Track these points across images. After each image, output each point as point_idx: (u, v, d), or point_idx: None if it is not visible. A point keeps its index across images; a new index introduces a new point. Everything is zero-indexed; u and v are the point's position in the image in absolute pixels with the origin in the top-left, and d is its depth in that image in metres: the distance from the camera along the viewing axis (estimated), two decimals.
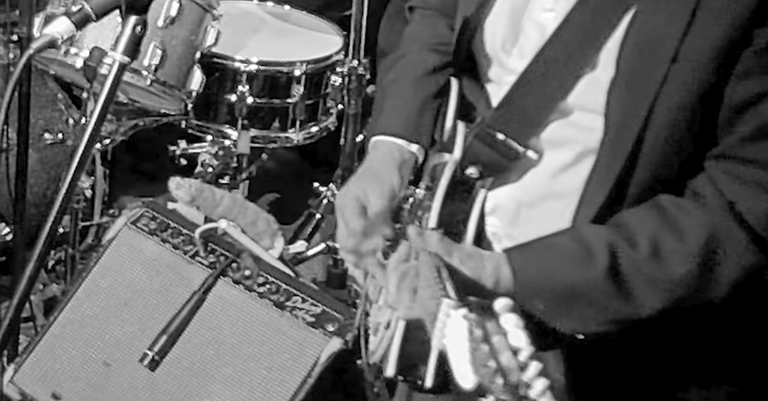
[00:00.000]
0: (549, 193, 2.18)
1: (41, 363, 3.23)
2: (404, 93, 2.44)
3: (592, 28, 2.06)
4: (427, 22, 2.50)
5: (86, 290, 3.29)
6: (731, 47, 1.94)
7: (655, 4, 2.00)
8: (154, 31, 3.82)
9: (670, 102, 1.99)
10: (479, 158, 2.22)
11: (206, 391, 3.04)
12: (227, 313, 3.12)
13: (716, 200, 1.99)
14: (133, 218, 3.34)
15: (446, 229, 2.19)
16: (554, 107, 2.12)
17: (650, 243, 2.00)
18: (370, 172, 2.35)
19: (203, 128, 4.16)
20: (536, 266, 2.05)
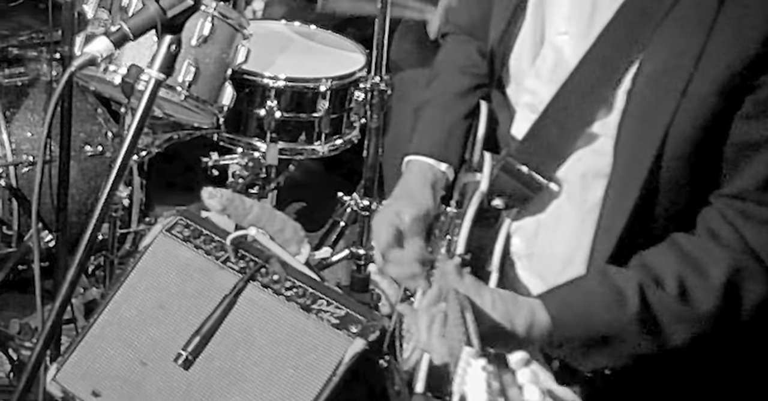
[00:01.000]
0: (566, 216, 2.18)
1: (82, 363, 3.24)
2: (435, 115, 2.46)
3: (612, 63, 2.06)
4: (459, 47, 2.51)
5: (124, 294, 3.29)
6: (735, 88, 1.95)
7: (667, 43, 2.01)
8: (188, 50, 3.83)
9: (681, 134, 2.00)
10: (505, 190, 2.23)
11: (237, 389, 3.05)
12: (256, 315, 3.12)
13: (733, 239, 2.00)
14: (168, 225, 3.35)
15: (474, 253, 2.20)
16: (577, 137, 2.12)
17: (677, 283, 2.01)
18: (407, 195, 2.38)
19: (234, 141, 4.17)
20: (572, 311, 2.04)
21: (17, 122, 4.31)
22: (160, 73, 2.10)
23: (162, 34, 2.09)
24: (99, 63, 2.09)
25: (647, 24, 2.03)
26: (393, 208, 2.37)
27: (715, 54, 1.97)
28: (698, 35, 1.98)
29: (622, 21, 2.07)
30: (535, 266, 2.26)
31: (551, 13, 2.19)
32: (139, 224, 4.39)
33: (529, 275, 2.28)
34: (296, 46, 4.39)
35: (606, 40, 2.08)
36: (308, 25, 4.51)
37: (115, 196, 3.83)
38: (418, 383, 2.22)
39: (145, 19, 2.09)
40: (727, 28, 1.97)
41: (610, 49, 2.08)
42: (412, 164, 2.45)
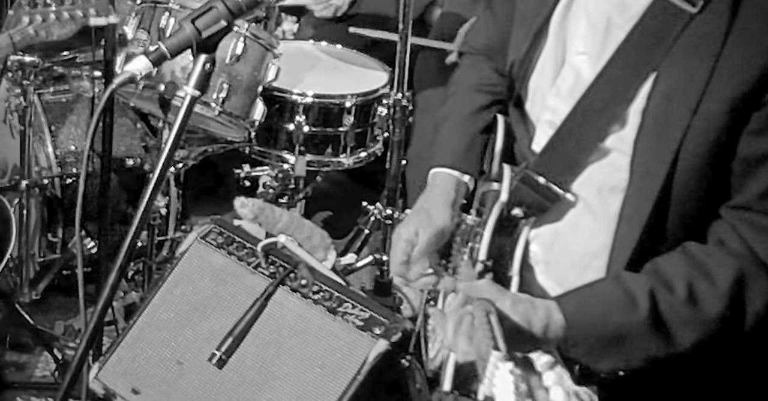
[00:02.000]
0: (581, 225, 2.17)
1: (122, 362, 3.24)
2: (455, 130, 2.47)
3: (624, 82, 2.07)
4: (475, 66, 2.51)
5: (161, 298, 3.30)
6: (743, 106, 1.96)
7: (679, 63, 2.01)
8: (222, 68, 3.83)
9: (692, 150, 2.01)
10: (524, 200, 2.23)
11: (267, 387, 3.05)
12: (286, 318, 3.12)
13: (741, 248, 2.00)
14: (203, 233, 3.35)
15: (495, 260, 2.20)
16: (592, 151, 2.12)
17: (685, 288, 2.00)
18: (426, 213, 2.39)
19: (265, 154, 4.17)
20: (586, 312, 2.04)
21: (62, 136, 4.32)
22: (195, 90, 2.10)
23: (197, 54, 2.10)
24: (138, 81, 2.09)
25: (659, 45, 2.04)
26: (412, 226, 2.39)
27: (725, 74, 1.97)
28: (708, 56, 1.98)
29: (635, 42, 2.07)
30: (553, 272, 2.26)
31: (571, 35, 2.19)
32: (176, 232, 4.40)
33: (547, 280, 2.28)
34: (323, 65, 4.39)
35: (619, 61, 2.09)
36: (335, 45, 4.52)
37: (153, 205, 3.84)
38: (445, 382, 2.21)
39: (182, 40, 2.09)
40: (736, 50, 1.97)
41: (623, 69, 2.08)
42: (436, 175, 2.46)
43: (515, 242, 2.23)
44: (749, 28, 1.97)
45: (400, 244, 2.37)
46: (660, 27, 2.04)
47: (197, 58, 2.10)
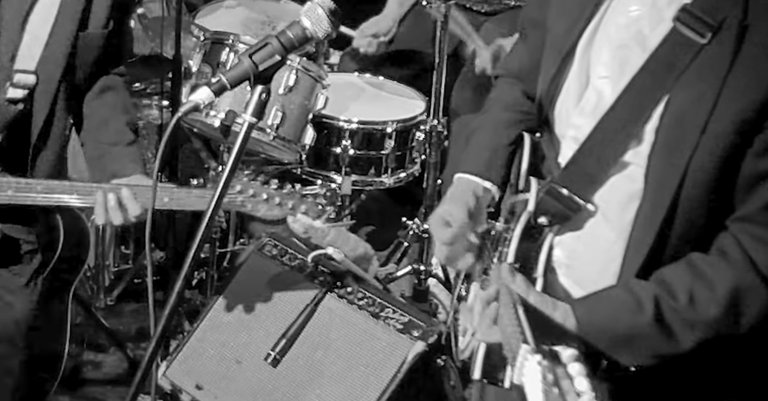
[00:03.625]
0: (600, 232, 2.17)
1: (187, 361, 3.25)
2: (482, 141, 2.46)
3: (641, 103, 2.06)
4: (507, 88, 2.50)
5: (222, 303, 3.30)
6: (747, 128, 1.95)
7: (688, 88, 2.00)
8: (276, 98, 3.84)
9: (700, 165, 1.99)
10: (549, 210, 2.21)
11: (316, 383, 3.04)
12: (333, 321, 3.12)
13: (740, 258, 1.98)
14: (259, 245, 3.36)
15: (522, 262, 2.18)
16: (612, 165, 2.11)
17: (687, 294, 1.99)
18: (451, 198, 2.38)
19: (314, 174, 4.17)
20: (596, 315, 2.04)
21: None
22: (252, 117, 2.10)
23: (254, 85, 2.10)
24: (202, 109, 2.10)
25: (672, 72, 2.03)
26: (443, 209, 2.37)
27: (731, 98, 1.96)
28: (715, 82, 1.97)
29: (650, 69, 2.07)
30: (573, 275, 2.25)
31: (594, 61, 2.19)
32: (235, 245, 4.40)
33: (568, 281, 2.26)
34: (367, 94, 4.39)
35: (636, 85, 2.08)
36: (377, 77, 4.52)
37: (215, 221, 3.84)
38: (475, 370, 2.20)
39: (241, 72, 2.09)
40: (741, 77, 1.96)
41: (640, 92, 2.07)
42: (458, 180, 2.44)
43: (540, 248, 2.21)
44: (753, 57, 1.96)
45: (437, 222, 2.34)
46: (673, 56, 2.04)
47: (254, 88, 2.10)
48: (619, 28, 2.14)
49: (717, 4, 1.98)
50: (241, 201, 2.93)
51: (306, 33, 2.12)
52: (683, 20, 2.02)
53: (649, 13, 2.10)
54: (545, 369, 1.66)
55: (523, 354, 1.78)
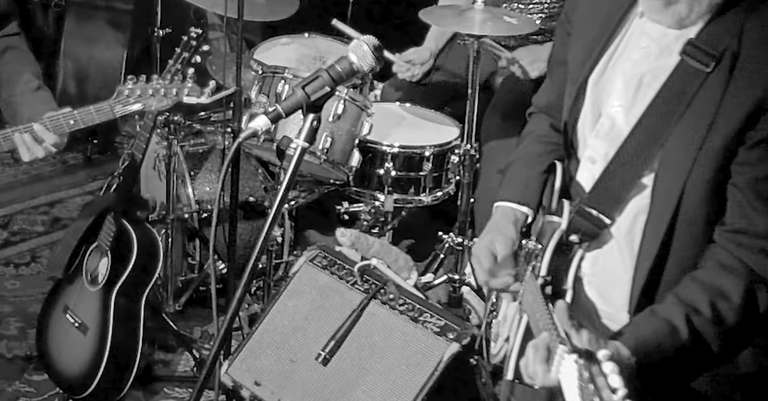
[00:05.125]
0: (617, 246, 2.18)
1: (247, 360, 3.26)
2: (519, 170, 2.47)
3: (656, 130, 2.08)
4: (539, 122, 2.53)
5: (278, 309, 3.31)
6: (734, 142, 1.98)
7: (696, 112, 2.02)
8: (326, 125, 3.85)
9: (698, 178, 2.01)
10: (579, 228, 2.22)
11: (362, 380, 3.04)
12: (377, 325, 3.11)
13: (740, 268, 2.00)
14: (311, 257, 3.37)
15: (553, 275, 2.19)
16: (633, 187, 2.12)
17: (710, 308, 1.99)
18: (496, 228, 2.39)
19: (360, 193, 4.18)
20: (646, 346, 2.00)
21: (199, 180, 4.36)
22: (305, 142, 2.11)
23: (306, 113, 2.11)
24: (259, 135, 2.11)
25: (682, 100, 2.04)
26: (487, 239, 2.38)
27: (723, 117, 1.99)
28: (713, 104, 2.00)
29: (663, 98, 2.08)
30: (595, 284, 2.25)
31: (607, 92, 2.20)
32: (289, 256, 4.41)
33: (591, 291, 2.27)
34: (407, 122, 4.40)
35: (652, 112, 2.09)
36: (416, 105, 4.52)
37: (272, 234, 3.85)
38: (508, 372, 2.20)
39: (294, 102, 2.11)
40: (731, 99, 1.99)
41: (656, 119, 2.08)
42: (498, 208, 2.45)
43: (570, 262, 2.22)
44: (742, 82, 1.99)
45: (483, 252, 2.35)
46: (683, 85, 2.05)
47: (306, 116, 2.11)
48: (633, 62, 2.15)
49: (718, 37, 2.00)
50: (134, 104, 2.95)
51: (353, 67, 2.13)
52: (689, 53, 2.04)
53: (659, 47, 2.11)
54: (581, 367, 1.66)
55: (560, 353, 1.79)
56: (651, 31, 2.12)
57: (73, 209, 5.20)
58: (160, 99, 2.95)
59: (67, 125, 2.86)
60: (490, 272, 2.34)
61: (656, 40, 2.12)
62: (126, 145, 5.70)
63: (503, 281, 2.34)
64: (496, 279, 2.34)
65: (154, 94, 2.95)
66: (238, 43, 3.75)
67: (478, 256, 2.36)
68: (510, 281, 2.33)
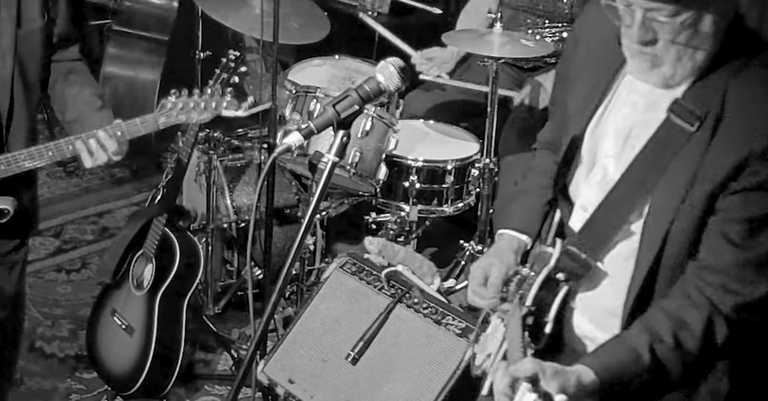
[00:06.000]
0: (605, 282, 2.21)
1: (281, 359, 3.27)
2: (523, 202, 2.48)
3: (641, 181, 2.10)
4: (544, 157, 2.53)
5: (310, 312, 3.32)
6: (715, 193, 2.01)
7: (678, 168, 2.04)
8: (355, 140, 3.86)
9: (680, 226, 2.04)
10: (566, 269, 2.23)
11: (389, 378, 3.04)
12: (402, 327, 3.12)
13: (701, 300, 2.03)
14: (341, 263, 3.37)
15: (537, 306, 2.20)
16: (618, 232, 2.14)
17: (671, 336, 2.02)
18: (497, 254, 2.40)
19: (386, 204, 4.18)
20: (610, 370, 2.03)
21: (237, 192, 4.38)
22: (335, 157, 2.11)
23: (337, 130, 2.11)
24: (293, 150, 2.12)
25: (665, 156, 2.06)
26: (486, 262, 2.40)
27: (704, 176, 2.01)
28: (695, 161, 2.02)
29: (650, 150, 2.10)
30: (587, 315, 2.27)
31: (600, 143, 2.22)
32: (321, 263, 4.42)
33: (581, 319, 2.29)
34: (430, 137, 4.40)
35: (638, 164, 2.11)
36: (439, 122, 4.52)
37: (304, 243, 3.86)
38: (484, 388, 2.22)
39: (325, 120, 2.11)
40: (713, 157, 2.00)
41: (641, 170, 2.10)
42: (503, 235, 2.46)
43: (555, 297, 2.22)
44: (724, 141, 2.00)
45: (478, 272, 2.37)
46: (667, 141, 2.07)
47: (337, 133, 2.12)
48: (623, 115, 2.17)
49: (703, 99, 2.02)
50: (177, 116, 2.93)
51: (380, 86, 2.13)
52: (676, 111, 2.05)
53: (647, 103, 2.13)
54: None
55: (522, 390, 1.83)
56: (639, 88, 2.13)
57: (121, 219, 5.22)
58: (200, 112, 2.96)
59: (113, 136, 2.87)
60: (477, 292, 2.36)
61: (644, 97, 2.13)
62: (169, 160, 5.73)
63: (488, 303, 2.35)
64: (481, 300, 2.36)
65: (195, 107, 2.96)
66: (273, 64, 3.78)
67: (472, 275, 2.39)
68: (494, 304, 2.34)
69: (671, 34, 1.97)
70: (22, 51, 2.83)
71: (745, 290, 2.02)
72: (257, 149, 4.46)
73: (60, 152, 2.88)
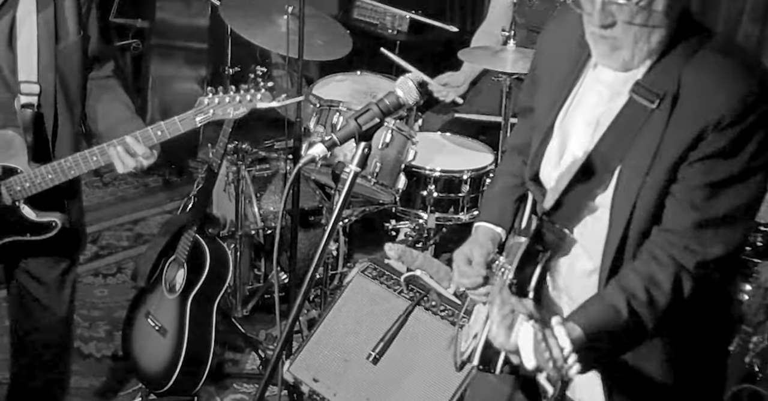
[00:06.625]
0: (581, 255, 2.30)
1: (306, 359, 3.27)
2: (495, 198, 2.57)
3: (607, 160, 2.19)
4: (512, 159, 2.62)
5: (333, 314, 3.33)
6: (676, 164, 2.09)
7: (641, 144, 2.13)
8: (376, 152, 3.87)
9: (646, 196, 2.13)
10: (543, 239, 2.31)
11: (408, 377, 3.04)
12: (421, 328, 3.12)
13: (668, 260, 2.12)
14: (362, 268, 3.38)
15: (518, 280, 2.28)
16: (586, 206, 2.24)
17: (644, 293, 2.11)
18: (475, 240, 2.50)
19: (406, 212, 4.18)
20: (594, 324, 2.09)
21: (264, 201, 4.40)
22: (357, 167, 2.12)
23: (359, 141, 2.12)
24: (317, 161, 2.12)
25: (629, 134, 2.14)
26: (466, 248, 2.48)
27: (666, 150, 2.09)
28: (656, 136, 2.10)
29: (613, 133, 2.18)
30: (561, 286, 2.35)
31: (570, 132, 2.29)
32: (343, 268, 4.43)
33: (556, 293, 2.37)
34: (447, 149, 4.40)
35: (602, 146, 2.19)
36: (455, 135, 4.52)
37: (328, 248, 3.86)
38: (474, 359, 2.33)
39: (348, 132, 2.12)
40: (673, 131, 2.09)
41: (605, 151, 2.18)
42: (479, 228, 2.55)
43: (534, 269, 2.30)
44: (680, 120, 2.09)
45: (460, 256, 2.45)
46: (631, 119, 2.15)
47: (358, 144, 2.13)
48: (590, 105, 2.26)
49: (661, 80, 2.11)
50: (213, 112, 2.89)
51: (399, 100, 2.14)
52: (637, 92, 2.14)
53: (611, 92, 2.21)
54: (536, 330, 1.82)
55: (520, 320, 1.91)
56: (603, 78, 2.22)
57: (154, 226, 5.25)
58: (236, 106, 2.92)
59: (155, 136, 2.83)
60: (462, 272, 2.42)
61: (608, 86, 2.21)
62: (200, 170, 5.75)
63: (473, 281, 2.41)
64: (467, 279, 2.41)
65: (230, 102, 2.92)
66: (298, 80, 3.80)
67: (455, 259, 2.45)
68: (479, 282, 2.40)
69: (629, 16, 2.06)
70: (62, 65, 2.84)
71: (705, 250, 2.11)
72: (283, 160, 4.47)
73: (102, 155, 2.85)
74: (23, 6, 2.75)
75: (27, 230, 2.88)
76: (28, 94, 2.79)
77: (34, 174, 2.82)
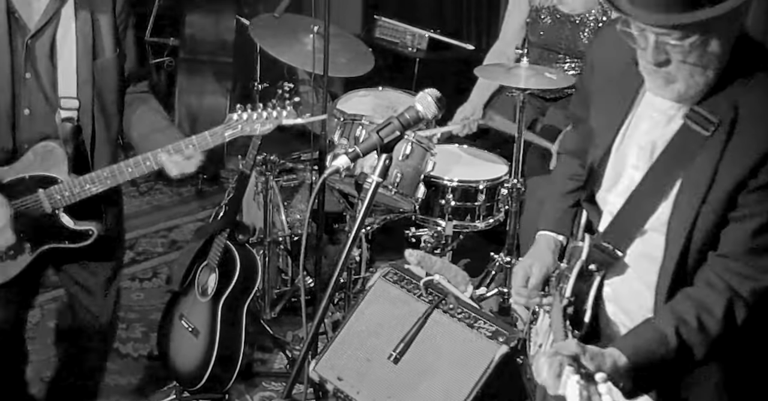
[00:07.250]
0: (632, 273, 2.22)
1: (331, 359, 3.28)
2: (555, 205, 2.50)
3: (660, 183, 2.10)
4: (567, 162, 2.53)
5: (356, 316, 3.33)
6: (735, 191, 2.00)
7: (695, 170, 2.04)
8: (396, 163, 3.88)
9: (702, 225, 2.05)
10: (596, 259, 2.24)
11: (427, 376, 3.04)
12: (439, 330, 3.12)
13: (723, 287, 2.04)
14: (384, 273, 3.38)
15: (576, 297, 2.23)
16: (638, 229, 2.16)
17: (696, 320, 2.02)
18: (538, 255, 2.42)
19: (425, 220, 4.19)
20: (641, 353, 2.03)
21: (291, 209, 4.41)
22: (378, 178, 2.13)
23: (380, 153, 2.13)
24: (341, 172, 2.13)
25: (683, 159, 2.07)
26: (527, 262, 2.41)
27: (723, 177, 2.01)
28: (712, 164, 2.02)
29: (667, 157, 2.11)
30: (619, 304, 2.28)
31: (626, 156, 2.23)
32: (366, 272, 4.44)
33: (613, 309, 2.29)
34: (464, 160, 4.41)
35: (657, 169, 2.12)
36: (472, 147, 4.53)
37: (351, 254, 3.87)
38: None
39: (370, 144, 2.12)
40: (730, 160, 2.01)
41: (660, 174, 2.11)
42: (541, 236, 2.48)
43: (590, 287, 2.24)
44: (737, 149, 2.00)
45: (520, 273, 2.39)
46: (684, 145, 2.07)
47: (380, 156, 2.13)
48: (644, 130, 2.18)
49: (717, 108, 2.02)
50: (241, 128, 2.90)
51: (419, 114, 2.14)
52: (692, 118, 2.05)
53: (666, 117, 2.13)
54: (582, 387, 1.74)
55: (566, 373, 1.82)
56: (658, 105, 2.13)
57: (187, 234, 5.28)
58: (263, 123, 2.93)
59: (186, 150, 2.85)
60: (518, 292, 2.38)
61: (663, 112, 2.13)
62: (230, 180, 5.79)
63: (531, 301, 2.37)
64: (522, 299, 2.38)
65: (258, 119, 2.92)
66: (323, 95, 3.81)
67: (515, 274, 2.41)
68: (536, 302, 2.36)
69: (682, 55, 1.97)
70: (99, 81, 2.85)
71: (761, 276, 2.03)
72: (309, 171, 4.49)
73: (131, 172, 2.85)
74: (63, 23, 2.77)
75: (65, 237, 2.90)
76: (67, 109, 2.81)
77: (73, 184, 2.84)
